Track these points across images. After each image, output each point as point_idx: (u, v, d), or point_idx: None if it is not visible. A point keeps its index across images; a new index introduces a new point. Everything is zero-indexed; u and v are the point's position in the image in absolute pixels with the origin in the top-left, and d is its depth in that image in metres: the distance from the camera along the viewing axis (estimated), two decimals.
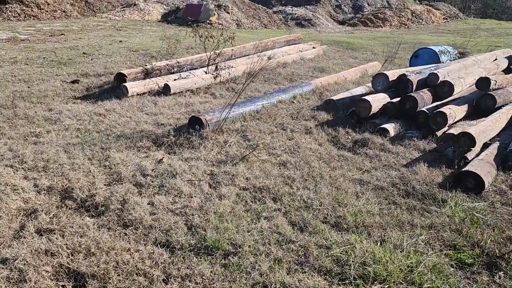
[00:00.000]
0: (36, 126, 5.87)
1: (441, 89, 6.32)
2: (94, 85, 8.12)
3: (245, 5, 20.15)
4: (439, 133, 5.67)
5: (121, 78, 7.84)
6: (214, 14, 17.75)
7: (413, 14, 25.40)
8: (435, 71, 6.49)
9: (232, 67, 9.12)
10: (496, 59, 8.95)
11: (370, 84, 7.97)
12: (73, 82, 8.31)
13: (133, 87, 7.39)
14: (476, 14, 45.37)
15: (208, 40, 8.22)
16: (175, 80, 8.11)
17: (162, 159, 4.81)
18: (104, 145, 5.16)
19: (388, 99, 6.23)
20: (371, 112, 5.96)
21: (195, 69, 8.89)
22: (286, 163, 4.76)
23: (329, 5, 28.88)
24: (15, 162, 4.55)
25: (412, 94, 5.95)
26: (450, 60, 9.69)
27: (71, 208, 3.74)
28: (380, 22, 22.80)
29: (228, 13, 18.26)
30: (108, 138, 5.40)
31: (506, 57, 9.21)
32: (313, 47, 12.71)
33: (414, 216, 3.67)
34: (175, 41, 10.14)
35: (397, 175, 4.49)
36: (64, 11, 17.60)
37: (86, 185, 4.07)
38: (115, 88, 7.79)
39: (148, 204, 3.79)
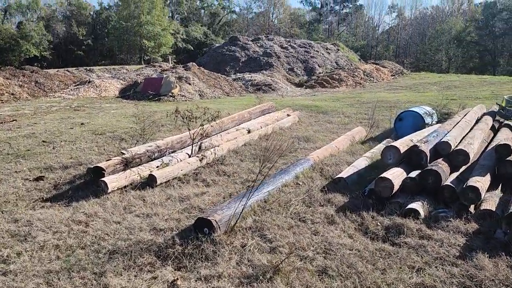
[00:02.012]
0: (1, 246, 4.74)
1: (456, 158, 5.96)
2: (63, 181, 7.07)
3: (205, 75, 19.99)
4: (471, 207, 5.19)
5: (96, 170, 6.87)
6: (176, 87, 17.31)
7: (365, 73, 26.50)
8: (445, 139, 6.16)
9: (215, 146, 8.44)
10: (480, 117, 8.96)
11: (369, 154, 7.56)
12: (37, 179, 7.21)
13: (113, 181, 6.43)
14: (410, 68, 48.73)
15: (192, 121, 7.54)
16: (158, 167, 7.26)
17: (175, 281, 3.88)
18: (97, 267, 4.15)
19: (405, 174, 5.75)
20: (394, 192, 5.41)
21: (174, 151, 8.11)
22: (327, 269, 3.99)
23: (282, 69, 29.63)
24: None
25: (433, 167, 5.50)
26: (433, 122, 9.63)
27: None
28: (336, 82, 23.45)
29: (189, 84, 17.91)
30: (98, 256, 4.39)
31: (487, 114, 9.27)
32: (288, 115, 12.40)
33: None
34: (151, 122, 9.33)
35: (461, 272, 3.84)
36: (12, 94, 16.39)
37: None
38: (89, 183, 6.81)
39: None
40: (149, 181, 6.69)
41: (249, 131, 10.07)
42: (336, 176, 6.30)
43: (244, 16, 79.03)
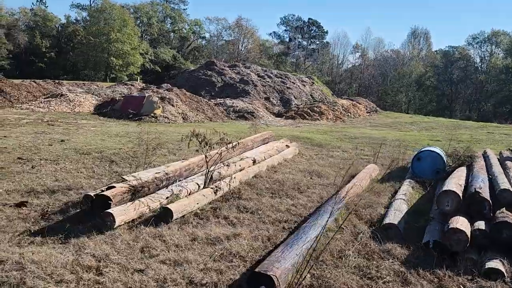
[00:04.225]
0: None
1: None
2: (52, 209, 5.83)
3: (187, 98, 18.99)
4: None
5: (97, 200, 5.71)
6: (159, 107, 16.18)
7: (343, 108, 26.50)
8: (505, 187, 5.58)
9: (226, 176, 7.47)
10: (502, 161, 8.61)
11: (403, 197, 6.88)
12: (19, 205, 5.92)
13: (120, 213, 5.30)
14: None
15: (210, 147, 6.58)
16: (168, 198, 6.20)
17: None
18: None
19: (469, 225, 5.06)
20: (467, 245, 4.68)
21: (180, 180, 7.05)
22: None
23: (258, 97, 29.17)
24: None
25: (506, 219, 4.85)
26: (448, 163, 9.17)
27: None
28: (317, 115, 23.17)
29: (172, 106, 16.84)
30: None
31: (509, 159, 8.96)
32: (287, 145, 11.66)
33: None
34: (156, 145, 8.21)
35: None
36: None
37: None
38: (87, 214, 5.63)
39: None
40: (163, 215, 5.61)
41: (254, 161, 9.19)
42: (386, 222, 5.52)
43: (214, 43, 79.06)
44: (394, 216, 5.69)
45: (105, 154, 9.04)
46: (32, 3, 63.15)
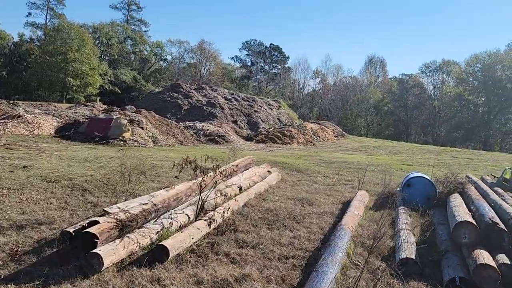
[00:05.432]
0: None
1: None
2: (22, 248, 5.01)
3: (156, 120, 18.17)
4: None
5: (77, 237, 4.95)
6: (128, 130, 15.28)
7: (312, 132, 26.51)
8: None
9: (220, 206, 6.88)
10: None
11: (405, 226, 6.56)
12: None
13: (109, 254, 4.58)
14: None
15: (205, 174, 5.99)
16: (158, 233, 5.52)
17: None
18: None
19: (491, 258, 4.76)
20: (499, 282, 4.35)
21: (167, 211, 6.39)
22: None
23: (226, 120, 28.72)
24: None
25: None
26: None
27: None
28: (288, 139, 22.96)
29: (142, 128, 15.98)
30: None
31: (494, 185, 8.95)
32: (268, 171, 11.21)
33: None
34: (139, 172, 7.46)
35: None
36: None
37: None
38: (66, 253, 4.86)
39: None
40: (157, 254, 4.93)
41: (240, 189, 8.66)
42: (403, 257, 5.12)
43: (176, 65, 78.35)
44: (408, 249, 5.31)
45: (75, 182, 8.17)
46: None
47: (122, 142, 14.58)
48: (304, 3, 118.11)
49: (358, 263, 5.09)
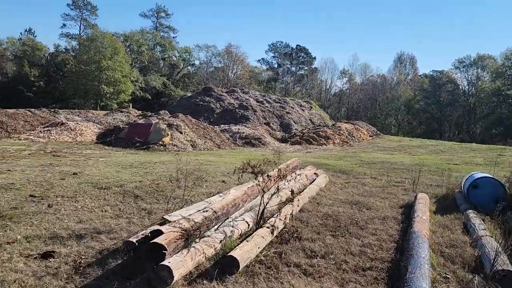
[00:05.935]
0: None
1: None
2: (85, 260, 4.83)
3: (193, 124, 18.11)
4: None
5: (142, 248, 4.73)
6: (167, 135, 15.24)
7: (347, 131, 25.91)
8: None
9: (276, 211, 6.57)
10: None
11: (483, 232, 6.05)
12: (45, 256, 4.90)
13: (178, 266, 4.32)
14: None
15: (269, 179, 5.69)
16: (221, 242, 5.25)
17: None
18: None
19: None
20: None
21: (227, 218, 6.13)
22: None
23: (258, 123, 28.46)
24: None
25: None
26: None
27: None
28: (323, 140, 22.46)
29: (181, 133, 15.92)
30: None
31: None
32: (315, 173, 10.83)
33: None
34: (196, 178, 7.24)
35: None
36: None
37: None
38: (130, 265, 4.65)
39: None
40: (224, 265, 4.65)
41: (292, 192, 8.30)
42: (499, 268, 4.64)
43: (203, 70, 78.95)
44: (501, 260, 4.82)
45: (126, 188, 8.04)
46: (20, 33, 62.38)
47: (162, 147, 14.52)
48: (329, 2, 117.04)
49: (447, 275, 4.64)
